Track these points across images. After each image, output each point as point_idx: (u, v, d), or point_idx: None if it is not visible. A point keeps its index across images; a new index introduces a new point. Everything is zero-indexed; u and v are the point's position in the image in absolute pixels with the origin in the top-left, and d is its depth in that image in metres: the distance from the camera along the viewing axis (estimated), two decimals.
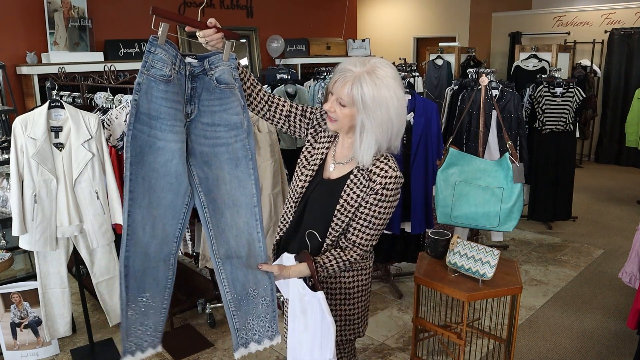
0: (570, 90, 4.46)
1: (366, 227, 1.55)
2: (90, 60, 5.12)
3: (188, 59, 1.47)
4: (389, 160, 1.55)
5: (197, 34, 1.52)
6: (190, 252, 3.01)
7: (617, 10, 7.45)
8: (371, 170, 1.54)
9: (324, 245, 1.61)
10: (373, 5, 9.56)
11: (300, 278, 1.56)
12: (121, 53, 5.60)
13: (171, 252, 1.50)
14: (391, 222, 3.30)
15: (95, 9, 5.43)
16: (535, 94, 4.55)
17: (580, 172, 6.92)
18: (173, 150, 1.42)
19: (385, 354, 2.91)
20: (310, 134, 1.69)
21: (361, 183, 1.54)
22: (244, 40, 6.95)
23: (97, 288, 2.73)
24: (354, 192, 1.55)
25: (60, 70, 4.28)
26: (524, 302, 3.44)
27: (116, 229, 2.77)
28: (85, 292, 2.98)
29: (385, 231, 3.34)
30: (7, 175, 2.89)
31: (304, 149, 1.71)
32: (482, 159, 2.71)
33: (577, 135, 4.78)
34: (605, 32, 7.51)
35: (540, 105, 4.50)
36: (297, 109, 1.68)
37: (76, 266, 2.85)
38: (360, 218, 1.55)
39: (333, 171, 1.63)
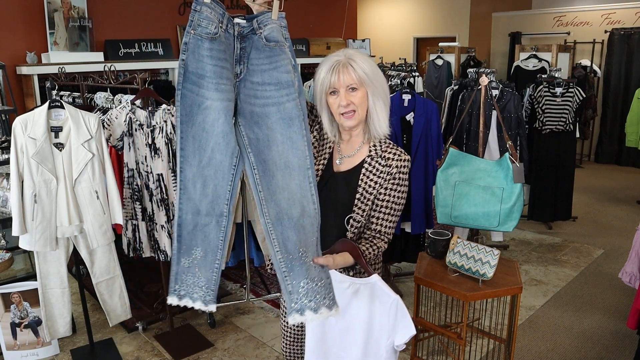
0: (570, 90, 4.46)
1: (388, 214, 1.59)
2: (90, 60, 5.12)
3: (237, 19, 1.43)
4: (396, 146, 1.61)
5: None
6: None
7: (617, 10, 7.45)
8: (385, 156, 1.58)
9: (352, 223, 1.61)
10: (373, 5, 9.55)
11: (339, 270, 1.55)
12: (121, 53, 5.60)
13: (223, 213, 1.43)
14: None
15: (95, 9, 5.43)
16: (535, 94, 4.55)
17: (580, 172, 6.92)
18: (219, 109, 1.38)
19: None
20: (316, 129, 1.72)
21: (377, 169, 1.58)
22: None
23: (97, 288, 2.73)
24: (371, 180, 1.58)
25: (60, 70, 4.28)
26: (524, 302, 3.44)
27: (116, 229, 2.77)
28: (85, 292, 2.98)
29: None
30: (7, 175, 2.89)
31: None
32: (482, 159, 2.71)
33: (577, 135, 4.78)
34: (605, 32, 7.51)
35: (540, 105, 4.50)
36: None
37: (76, 266, 2.85)
38: (381, 207, 1.59)
39: (341, 165, 1.65)
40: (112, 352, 2.96)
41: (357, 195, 1.59)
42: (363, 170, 1.60)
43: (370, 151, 1.61)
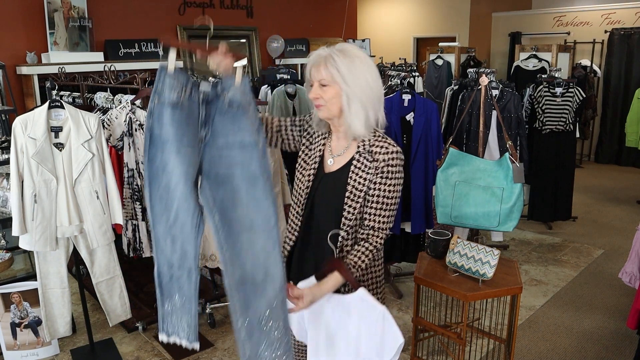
0: (570, 90, 4.46)
1: (380, 209, 1.56)
2: (90, 60, 5.12)
3: (202, 87, 1.47)
4: (386, 139, 1.58)
5: (208, 62, 1.52)
6: None
7: (617, 10, 7.45)
8: (372, 150, 1.56)
9: (339, 239, 1.59)
10: (373, 5, 9.55)
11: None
12: (121, 53, 5.60)
13: (192, 268, 1.50)
14: None
15: (95, 9, 5.43)
16: (535, 94, 4.55)
17: (580, 172, 6.92)
18: (180, 173, 1.44)
19: None
20: (304, 137, 1.71)
21: (365, 165, 1.56)
22: (243, 41, 6.95)
23: (97, 288, 2.73)
24: (360, 176, 1.56)
25: (60, 70, 4.28)
26: (524, 302, 3.44)
27: (116, 229, 2.77)
28: (85, 292, 2.98)
29: None
30: (7, 175, 2.89)
31: (300, 152, 1.71)
32: (482, 159, 2.71)
33: (577, 135, 4.78)
34: (605, 32, 7.51)
35: (540, 105, 4.50)
36: (285, 121, 1.72)
37: (76, 266, 2.85)
38: (372, 202, 1.56)
39: (333, 164, 1.64)
40: (112, 352, 2.96)
41: (347, 194, 1.57)
42: (352, 167, 1.57)
43: (358, 147, 1.58)
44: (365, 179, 1.56)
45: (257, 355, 1.49)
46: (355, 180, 1.57)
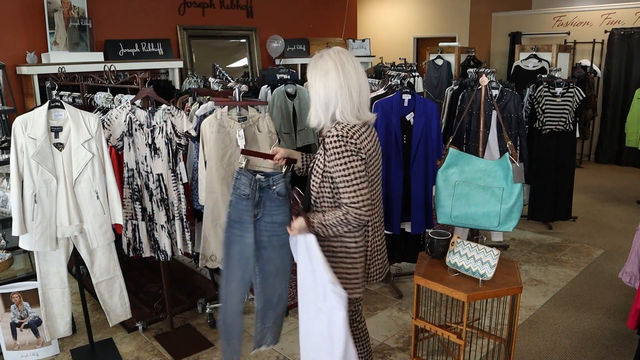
0: (570, 90, 4.46)
1: (343, 187, 1.86)
2: (90, 60, 5.12)
3: (258, 176, 2.10)
4: (338, 124, 1.89)
5: (268, 160, 2.24)
6: (190, 252, 3.01)
7: (617, 10, 7.45)
8: (325, 140, 1.89)
9: (309, 200, 2.04)
10: (373, 5, 9.56)
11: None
12: (121, 53, 5.60)
13: (240, 309, 2.30)
14: (391, 222, 3.30)
15: (95, 9, 5.43)
16: (535, 94, 4.55)
17: (580, 172, 6.92)
18: (247, 243, 2.14)
19: (385, 354, 2.91)
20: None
21: (321, 148, 1.94)
22: (243, 41, 6.96)
23: (97, 288, 2.73)
24: (317, 159, 1.96)
25: (60, 70, 4.28)
26: (524, 302, 3.44)
27: (116, 229, 2.77)
28: (85, 292, 2.98)
29: (385, 231, 3.33)
30: (7, 175, 2.89)
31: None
32: (482, 159, 2.71)
33: (577, 135, 4.78)
34: (605, 32, 7.51)
35: (540, 105, 4.50)
36: None
37: (76, 266, 2.85)
38: (335, 182, 1.89)
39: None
40: (112, 352, 2.96)
41: (312, 172, 1.99)
42: (317, 156, 1.96)
43: (324, 139, 1.90)
44: (320, 160, 1.93)
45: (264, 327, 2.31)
46: (315, 163, 1.97)
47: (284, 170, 2.12)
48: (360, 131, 1.90)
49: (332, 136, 1.85)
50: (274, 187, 2.10)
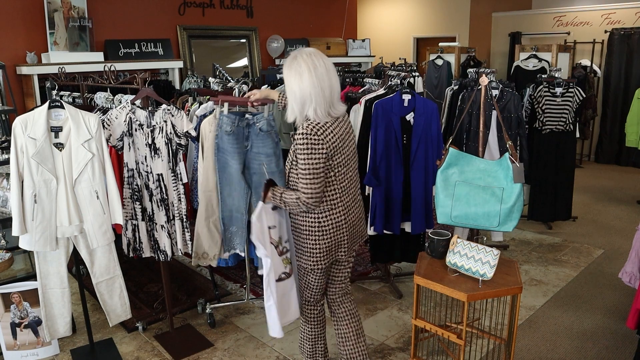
0: (570, 90, 4.46)
1: (301, 176, 2.11)
2: (90, 60, 5.13)
3: (247, 115, 2.76)
4: (307, 122, 2.12)
5: (248, 104, 2.80)
6: (190, 252, 3.01)
7: (617, 10, 7.45)
8: (295, 134, 2.14)
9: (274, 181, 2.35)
10: (373, 5, 9.56)
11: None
12: (121, 53, 5.60)
13: (244, 210, 2.87)
14: (391, 222, 3.30)
15: (95, 9, 5.43)
16: (535, 94, 4.55)
17: (580, 172, 6.92)
18: (236, 168, 2.80)
19: (385, 354, 2.91)
20: None
21: (293, 143, 2.19)
22: (243, 41, 6.96)
23: (97, 288, 2.73)
24: (291, 149, 2.23)
25: (60, 70, 4.28)
26: (524, 302, 3.44)
27: (116, 229, 2.77)
28: (85, 292, 2.98)
29: (385, 231, 3.34)
30: (7, 175, 2.89)
31: None
32: (482, 159, 2.71)
33: (577, 135, 4.78)
34: (605, 32, 7.51)
35: (540, 105, 4.50)
36: None
37: (76, 266, 2.85)
38: (298, 170, 2.13)
39: None
40: (112, 352, 2.96)
41: (287, 160, 2.28)
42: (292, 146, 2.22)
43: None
44: (291, 153, 2.22)
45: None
46: (289, 153, 2.25)
47: (265, 110, 2.73)
48: (326, 127, 2.13)
49: (300, 133, 2.10)
50: (257, 124, 2.73)
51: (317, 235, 2.20)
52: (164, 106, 2.77)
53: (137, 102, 2.80)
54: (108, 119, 2.72)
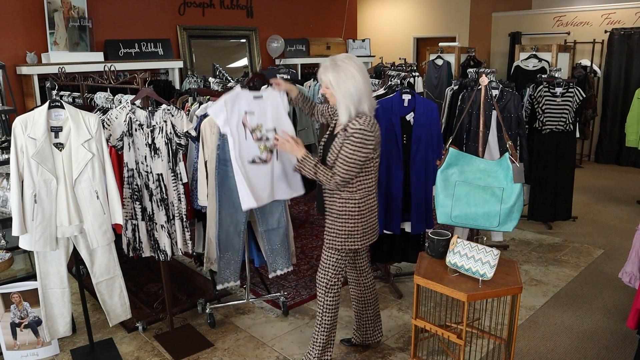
0: (570, 90, 4.46)
1: (341, 160, 2.35)
2: (90, 60, 5.13)
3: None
4: (360, 118, 2.34)
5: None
6: (190, 252, 3.01)
7: (617, 10, 7.45)
8: (348, 126, 2.36)
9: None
10: (373, 5, 9.56)
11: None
12: (121, 53, 5.60)
13: (241, 231, 2.97)
14: (391, 222, 3.30)
15: (95, 9, 5.43)
16: (535, 94, 4.55)
17: (580, 172, 6.92)
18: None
19: (385, 354, 2.91)
20: (330, 115, 2.73)
21: (341, 135, 2.39)
22: (243, 41, 6.96)
23: (97, 288, 2.73)
24: (337, 140, 2.41)
25: (60, 70, 4.28)
26: (524, 302, 3.44)
27: (116, 229, 2.77)
28: (85, 292, 2.98)
29: (385, 231, 3.34)
30: (7, 175, 2.89)
31: (331, 123, 2.67)
32: (482, 159, 2.71)
33: (577, 135, 4.77)
34: (605, 32, 7.51)
35: (540, 105, 4.50)
36: (323, 107, 2.79)
37: (76, 266, 2.85)
38: (339, 155, 2.36)
39: (335, 131, 2.55)
40: (112, 352, 2.96)
41: (331, 149, 2.44)
42: (338, 136, 2.42)
43: (345, 125, 2.38)
44: (338, 143, 2.40)
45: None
46: (335, 142, 2.42)
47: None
48: (374, 121, 2.39)
49: (356, 128, 2.32)
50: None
51: (356, 218, 2.46)
52: (164, 106, 2.77)
53: (137, 102, 2.80)
54: (108, 119, 2.73)
